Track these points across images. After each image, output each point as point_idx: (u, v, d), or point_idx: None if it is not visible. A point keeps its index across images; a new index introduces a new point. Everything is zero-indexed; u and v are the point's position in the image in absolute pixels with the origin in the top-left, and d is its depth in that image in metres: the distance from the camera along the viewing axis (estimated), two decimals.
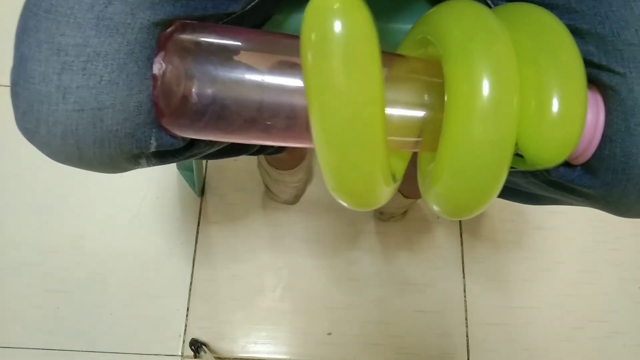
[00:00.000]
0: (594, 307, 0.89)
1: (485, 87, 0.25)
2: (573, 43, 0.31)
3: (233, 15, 0.39)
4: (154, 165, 0.39)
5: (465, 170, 0.27)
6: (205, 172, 0.93)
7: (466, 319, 0.87)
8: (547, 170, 0.38)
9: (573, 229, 0.93)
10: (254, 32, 0.35)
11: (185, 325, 0.85)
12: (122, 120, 0.32)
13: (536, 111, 0.28)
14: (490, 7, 0.39)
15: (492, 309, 0.88)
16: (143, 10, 0.32)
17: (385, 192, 0.29)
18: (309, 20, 0.24)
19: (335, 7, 0.23)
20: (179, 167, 0.90)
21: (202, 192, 0.92)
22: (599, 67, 0.32)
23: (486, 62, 0.26)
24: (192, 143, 0.40)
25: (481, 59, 0.26)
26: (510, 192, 0.53)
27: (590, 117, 0.32)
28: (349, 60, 0.23)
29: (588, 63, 0.33)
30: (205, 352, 0.81)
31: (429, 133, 0.30)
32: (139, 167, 0.38)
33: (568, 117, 0.29)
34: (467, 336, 0.86)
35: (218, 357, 0.84)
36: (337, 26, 0.23)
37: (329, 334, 0.86)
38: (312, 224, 0.91)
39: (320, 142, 0.26)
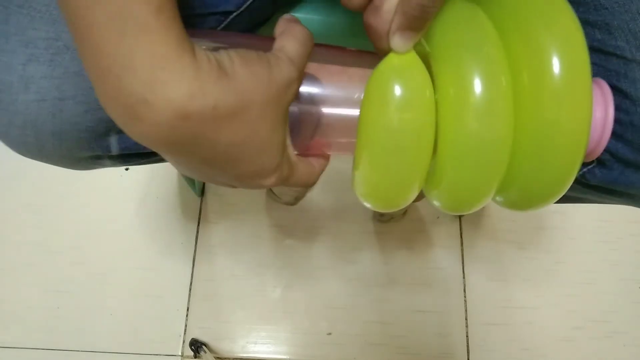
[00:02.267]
0: (594, 307, 0.89)
1: (477, 84, 0.25)
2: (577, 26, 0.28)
3: (231, 16, 0.39)
4: (118, 165, 0.38)
5: (465, 166, 0.27)
6: None
7: (466, 319, 0.87)
8: (584, 176, 0.37)
9: (573, 229, 0.93)
10: (249, 37, 0.35)
11: (185, 325, 0.85)
12: (83, 112, 0.32)
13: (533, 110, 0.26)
14: None
15: (492, 309, 0.88)
16: None
17: (412, 198, 0.31)
18: (375, 79, 0.27)
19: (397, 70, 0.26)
20: None
21: (202, 192, 0.92)
22: (632, 60, 0.32)
23: (476, 61, 0.26)
24: None
25: (471, 59, 0.26)
26: None
27: (599, 113, 0.30)
28: (404, 116, 0.26)
29: (618, 57, 0.33)
30: (205, 352, 0.81)
31: None
32: (103, 167, 0.37)
33: (572, 115, 0.26)
34: (467, 336, 0.86)
35: (218, 357, 0.84)
36: (397, 90, 0.26)
37: (329, 334, 0.86)
38: (312, 224, 0.91)
39: (365, 170, 0.28)
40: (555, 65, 0.25)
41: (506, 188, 0.29)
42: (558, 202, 0.51)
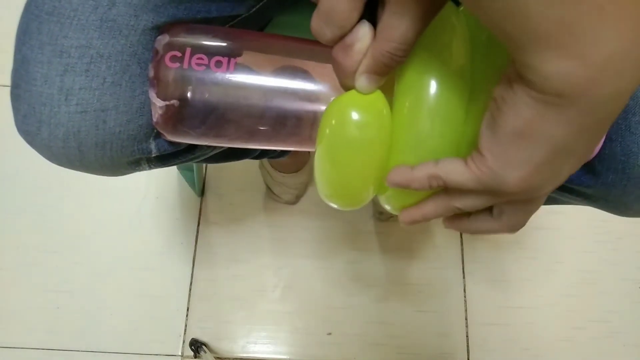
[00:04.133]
0: (594, 307, 0.89)
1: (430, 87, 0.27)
2: None
3: (238, 18, 0.39)
4: (155, 168, 0.38)
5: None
6: (205, 172, 0.93)
7: (466, 319, 0.87)
8: None
9: (573, 229, 0.93)
10: (253, 34, 0.35)
11: (185, 325, 0.85)
12: (125, 122, 0.32)
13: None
14: None
15: (492, 309, 0.88)
16: (146, 12, 0.32)
17: (369, 196, 0.32)
18: (331, 109, 0.28)
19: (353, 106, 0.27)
20: (179, 167, 0.90)
21: (202, 192, 0.92)
22: None
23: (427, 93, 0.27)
24: (194, 146, 0.39)
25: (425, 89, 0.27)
26: None
27: None
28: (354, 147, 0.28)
29: None
30: (205, 352, 0.81)
31: None
32: (140, 170, 0.37)
33: None
34: (467, 336, 0.86)
35: (218, 357, 0.84)
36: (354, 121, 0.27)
37: (329, 334, 0.86)
38: (312, 224, 0.91)
39: (322, 174, 0.30)
40: None
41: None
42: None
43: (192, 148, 0.39)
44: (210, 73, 0.31)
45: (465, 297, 0.88)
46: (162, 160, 0.38)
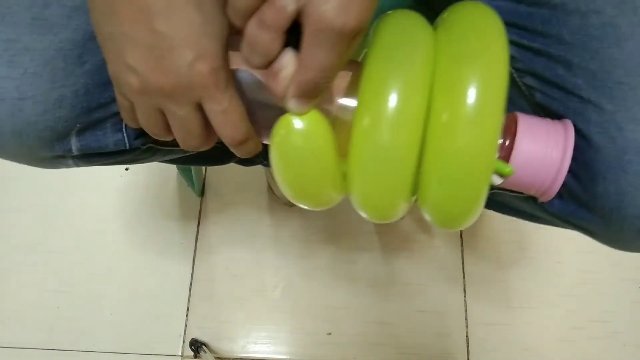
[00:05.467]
0: (594, 307, 0.89)
1: (392, 97, 0.27)
2: (503, 52, 0.29)
3: None
4: (82, 165, 0.38)
5: (368, 173, 0.29)
6: (205, 172, 0.93)
7: (466, 319, 0.87)
8: (543, 205, 0.38)
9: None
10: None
11: (185, 325, 0.85)
12: (42, 112, 0.33)
13: (447, 122, 0.27)
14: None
15: (492, 309, 0.88)
16: (80, 14, 0.33)
17: (334, 198, 0.34)
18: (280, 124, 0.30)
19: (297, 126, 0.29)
20: (178, 167, 0.90)
21: (202, 192, 0.92)
22: (587, 101, 0.32)
23: (396, 73, 0.27)
24: (130, 150, 0.39)
25: (392, 77, 0.27)
26: (512, 210, 0.52)
27: (556, 154, 0.31)
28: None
29: (575, 96, 0.32)
30: (205, 352, 0.81)
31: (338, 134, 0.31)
32: (68, 167, 0.38)
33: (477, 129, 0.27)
34: (467, 336, 0.86)
35: (218, 357, 0.84)
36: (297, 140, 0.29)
37: (329, 334, 0.86)
38: (312, 224, 0.91)
39: (278, 178, 0.32)
40: (470, 95, 0.27)
41: (423, 203, 0.31)
42: (541, 222, 0.52)
43: (123, 151, 0.39)
44: None
45: (465, 297, 0.88)
46: (88, 158, 0.38)
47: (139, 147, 0.39)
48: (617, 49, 0.31)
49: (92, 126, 0.36)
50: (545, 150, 0.31)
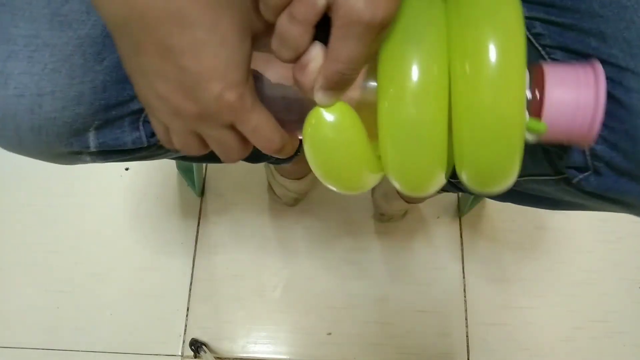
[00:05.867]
0: (594, 307, 0.89)
1: (413, 70, 0.28)
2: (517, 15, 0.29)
3: None
4: (98, 162, 0.39)
5: (403, 146, 0.29)
6: (205, 172, 0.93)
7: (466, 319, 0.87)
8: (579, 183, 0.37)
9: (573, 229, 0.93)
10: None
11: (185, 325, 0.85)
12: (61, 108, 0.33)
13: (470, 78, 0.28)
14: None
15: (492, 309, 0.88)
16: None
17: (371, 180, 0.34)
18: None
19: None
20: (178, 167, 0.90)
21: (202, 192, 0.92)
22: (625, 70, 0.32)
23: (412, 53, 0.28)
24: (147, 147, 0.39)
25: (408, 50, 0.28)
26: (533, 198, 0.52)
27: (588, 97, 0.31)
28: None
29: (612, 66, 0.33)
30: (205, 352, 0.81)
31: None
32: (84, 162, 0.38)
33: (501, 83, 0.28)
34: (467, 336, 0.86)
35: (218, 357, 0.84)
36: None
37: (329, 334, 0.86)
38: (312, 224, 0.91)
39: (311, 164, 0.33)
40: (490, 53, 0.27)
41: (460, 169, 0.31)
42: (563, 208, 0.51)
43: (140, 148, 0.39)
44: None
45: (465, 297, 0.88)
46: (104, 155, 0.38)
47: (156, 143, 0.39)
48: None
49: (110, 123, 0.36)
50: (577, 93, 0.31)
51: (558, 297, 0.89)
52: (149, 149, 0.40)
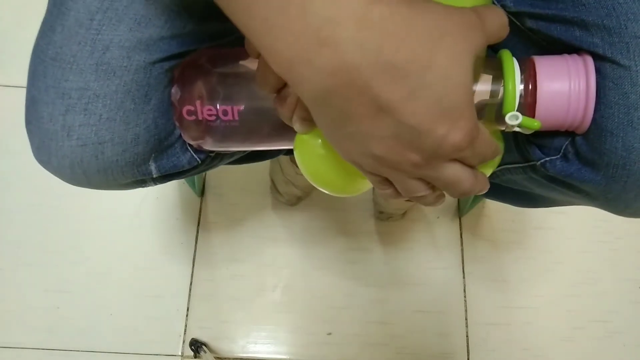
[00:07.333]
0: (594, 307, 0.89)
1: None
2: None
3: (232, 36, 0.40)
4: (161, 183, 0.43)
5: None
6: (206, 172, 0.93)
7: (466, 319, 0.87)
8: (544, 164, 0.39)
9: (573, 229, 0.93)
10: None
11: (185, 325, 0.85)
12: (121, 152, 0.36)
13: None
14: None
15: (492, 309, 0.88)
16: (138, 52, 0.35)
17: (362, 185, 0.37)
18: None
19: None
20: None
21: (202, 192, 0.92)
22: (603, 58, 0.32)
23: None
24: (202, 163, 0.43)
25: None
26: (508, 193, 0.53)
27: (580, 83, 0.32)
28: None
29: (593, 55, 0.33)
30: (205, 352, 0.81)
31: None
32: (148, 186, 0.42)
33: None
34: (467, 336, 0.86)
35: (218, 357, 0.84)
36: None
37: (329, 334, 0.86)
38: (312, 224, 0.91)
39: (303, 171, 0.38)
40: None
41: None
42: (541, 205, 0.52)
43: (197, 166, 0.43)
44: (220, 122, 0.36)
45: (465, 297, 0.88)
46: (166, 178, 0.42)
47: (206, 158, 0.43)
48: (633, 3, 0.32)
49: (165, 152, 0.39)
50: (569, 83, 0.32)
51: (558, 297, 0.89)
52: (204, 164, 0.44)
